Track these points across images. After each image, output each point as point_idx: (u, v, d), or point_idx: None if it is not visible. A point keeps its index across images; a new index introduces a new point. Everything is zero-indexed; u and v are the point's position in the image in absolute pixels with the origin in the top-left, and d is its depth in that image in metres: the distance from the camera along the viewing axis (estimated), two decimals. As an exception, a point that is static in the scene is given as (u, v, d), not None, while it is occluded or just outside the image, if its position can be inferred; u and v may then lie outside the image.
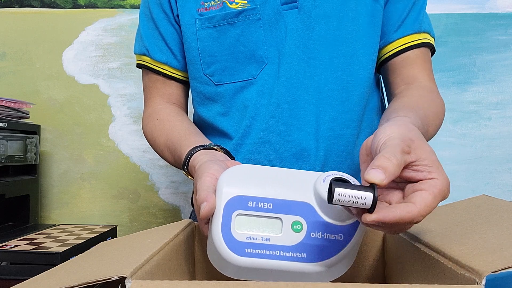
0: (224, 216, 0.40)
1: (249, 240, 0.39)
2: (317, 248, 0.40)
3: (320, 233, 0.40)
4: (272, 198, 0.41)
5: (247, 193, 0.41)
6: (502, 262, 0.30)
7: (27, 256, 0.78)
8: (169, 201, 1.23)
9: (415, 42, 0.68)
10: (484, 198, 0.52)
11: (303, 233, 0.40)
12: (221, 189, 0.42)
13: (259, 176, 0.44)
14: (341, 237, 0.40)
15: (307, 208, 0.41)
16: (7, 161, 1.00)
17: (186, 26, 0.69)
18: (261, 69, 0.67)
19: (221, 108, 0.70)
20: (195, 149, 0.56)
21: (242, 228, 0.40)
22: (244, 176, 0.44)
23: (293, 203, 0.41)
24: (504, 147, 1.20)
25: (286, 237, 0.40)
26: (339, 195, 0.34)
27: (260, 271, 0.40)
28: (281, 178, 0.44)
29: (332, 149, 0.66)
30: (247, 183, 0.42)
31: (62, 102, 1.24)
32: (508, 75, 1.20)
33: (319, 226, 0.40)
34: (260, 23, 0.66)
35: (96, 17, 1.25)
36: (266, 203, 0.41)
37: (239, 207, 0.41)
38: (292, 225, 0.40)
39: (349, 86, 0.67)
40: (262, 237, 0.40)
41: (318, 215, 0.41)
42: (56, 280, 0.34)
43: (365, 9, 0.66)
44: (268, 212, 0.41)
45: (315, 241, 0.40)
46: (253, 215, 0.40)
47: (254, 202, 0.41)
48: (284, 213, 0.41)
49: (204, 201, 0.41)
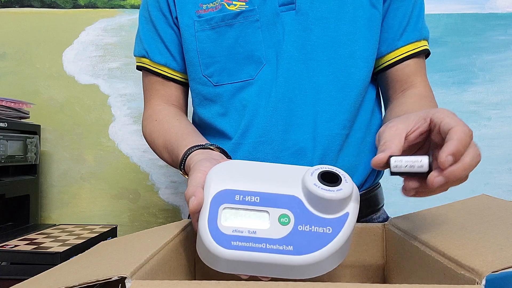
0: (211, 210, 0.40)
1: (236, 233, 0.39)
2: (305, 241, 0.39)
3: (307, 226, 0.40)
4: (259, 191, 0.41)
5: (234, 187, 0.41)
6: (502, 262, 0.30)
7: (27, 256, 0.78)
8: (169, 201, 1.23)
9: (416, 50, 0.71)
10: (484, 198, 0.52)
11: (291, 226, 0.40)
12: (209, 184, 0.42)
13: (247, 171, 0.44)
14: (329, 230, 0.39)
15: (295, 201, 0.41)
16: (7, 161, 1.00)
17: (185, 28, 0.70)
18: (259, 69, 0.67)
19: (220, 108, 0.70)
20: (192, 149, 0.57)
21: (228, 221, 0.40)
22: (232, 171, 0.44)
23: (280, 196, 0.41)
24: (504, 147, 1.20)
25: (273, 230, 0.39)
26: (395, 161, 0.38)
27: (247, 264, 0.39)
28: (269, 173, 0.44)
29: (329, 148, 0.67)
30: (235, 178, 0.42)
31: (62, 102, 1.24)
32: (508, 75, 1.20)
33: (306, 218, 0.40)
34: (258, 24, 0.67)
35: (96, 17, 1.25)
36: (253, 197, 0.41)
37: (226, 200, 0.41)
38: (279, 218, 0.40)
39: (346, 87, 0.67)
40: (249, 230, 0.39)
41: (306, 208, 0.40)
42: (56, 280, 0.34)
43: (362, 13, 0.67)
44: (255, 206, 0.40)
45: (302, 234, 0.39)
46: (240, 208, 0.40)
47: (241, 195, 0.41)
48: (271, 206, 0.40)
49: (192, 196, 0.42)
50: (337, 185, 0.40)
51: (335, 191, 0.40)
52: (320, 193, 0.40)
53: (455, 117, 0.40)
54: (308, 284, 0.30)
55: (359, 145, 0.69)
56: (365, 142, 0.70)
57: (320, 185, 0.40)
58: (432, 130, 0.42)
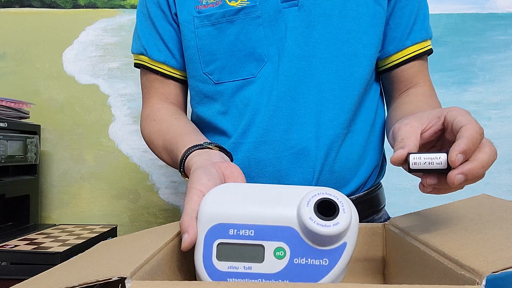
0: (205, 246, 0.40)
1: (231, 270, 0.39)
2: (301, 274, 0.38)
3: (303, 258, 0.39)
4: (254, 224, 0.40)
5: (228, 221, 0.41)
6: (502, 262, 0.30)
7: (27, 256, 0.78)
8: (169, 201, 1.23)
9: (422, 50, 0.71)
10: (484, 197, 0.52)
11: (286, 260, 0.39)
12: (203, 216, 0.41)
13: (241, 197, 0.43)
14: (326, 262, 0.39)
15: (290, 232, 0.40)
16: (7, 161, 1.00)
17: (185, 24, 0.69)
18: (261, 67, 0.66)
19: (221, 106, 0.70)
20: (190, 150, 0.56)
21: (223, 257, 0.39)
22: (226, 198, 0.43)
23: (275, 228, 0.40)
24: (504, 147, 1.20)
25: (268, 264, 0.39)
26: (414, 159, 0.38)
27: None
28: (265, 199, 0.43)
29: (332, 148, 0.66)
30: (229, 208, 0.41)
31: (62, 102, 1.24)
32: (508, 75, 1.20)
33: (302, 251, 0.39)
34: (260, 21, 0.66)
35: (96, 17, 1.25)
36: (247, 230, 0.40)
37: (220, 236, 0.40)
38: (274, 251, 0.39)
39: (349, 85, 0.66)
40: (244, 266, 0.39)
41: (301, 240, 0.39)
42: (56, 280, 0.34)
43: (366, 10, 0.66)
44: (249, 240, 0.40)
45: (298, 267, 0.39)
46: (234, 244, 0.40)
47: (235, 229, 0.40)
48: (266, 239, 0.40)
49: (186, 233, 0.41)
50: (334, 218, 0.39)
51: (331, 226, 0.38)
52: (316, 229, 0.38)
53: (467, 116, 0.41)
54: (308, 284, 0.30)
55: (362, 145, 0.69)
56: (369, 141, 0.70)
57: (315, 220, 0.39)
58: (446, 128, 0.43)
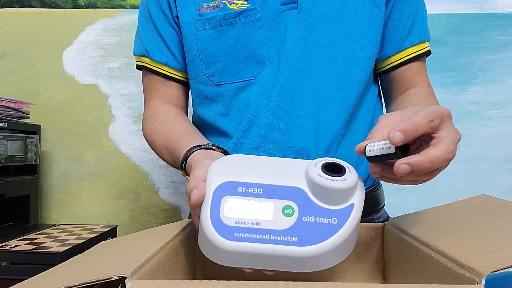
0: (213, 202, 0.39)
1: (239, 224, 0.38)
2: (309, 232, 0.38)
3: (312, 217, 0.39)
4: (262, 183, 0.40)
5: (237, 179, 0.41)
6: (502, 262, 0.30)
7: (27, 256, 0.78)
8: (169, 201, 1.23)
9: (420, 52, 0.72)
10: (484, 197, 0.52)
11: (295, 217, 0.39)
12: (211, 177, 0.41)
13: (249, 164, 0.43)
14: (335, 221, 0.39)
15: (299, 192, 0.40)
16: (7, 161, 1.00)
17: (186, 27, 0.69)
18: (262, 69, 0.67)
19: (222, 108, 0.70)
20: (193, 149, 0.56)
21: (231, 212, 0.39)
22: (234, 164, 0.43)
23: (284, 188, 0.40)
24: (503, 147, 1.20)
25: (277, 221, 0.39)
26: (369, 146, 0.40)
27: (251, 257, 0.38)
28: (272, 166, 0.43)
29: (331, 148, 0.67)
30: (237, 171, 0.42)
31: (62, 102, 1.24)
32: (508, 75, 1.20)
33: (311, 210, 0.39)
34: (260, 23, 0.66)
35: (96, 17, 1.25)
36: (256, 188, 0.40)
37: (228, 192, 0.40)
38: (283, 209, 0.39)
39: (348, 86, 0.67)
40: (252, 221, 0.38)
41: (310, 200, 0.40)
42: (56, 280, 0.34)
43: (364, 12, 0.67)
44: (258, 197, 0.40)
45: (307, 225, 0.39)
46: (243, 199, 0.40)
47: (244, 187, 0.40)
48: (275, 197, 0.40)
49: (194, 189, 0.41)
50: (342, 175, 0.40)
51: (339, 181, 0.39)
52: (325, 183, 0.39)
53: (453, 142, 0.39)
54: (308, 284, 0.30)
55: None
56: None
57: (324, 175, 0.40)
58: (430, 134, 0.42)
